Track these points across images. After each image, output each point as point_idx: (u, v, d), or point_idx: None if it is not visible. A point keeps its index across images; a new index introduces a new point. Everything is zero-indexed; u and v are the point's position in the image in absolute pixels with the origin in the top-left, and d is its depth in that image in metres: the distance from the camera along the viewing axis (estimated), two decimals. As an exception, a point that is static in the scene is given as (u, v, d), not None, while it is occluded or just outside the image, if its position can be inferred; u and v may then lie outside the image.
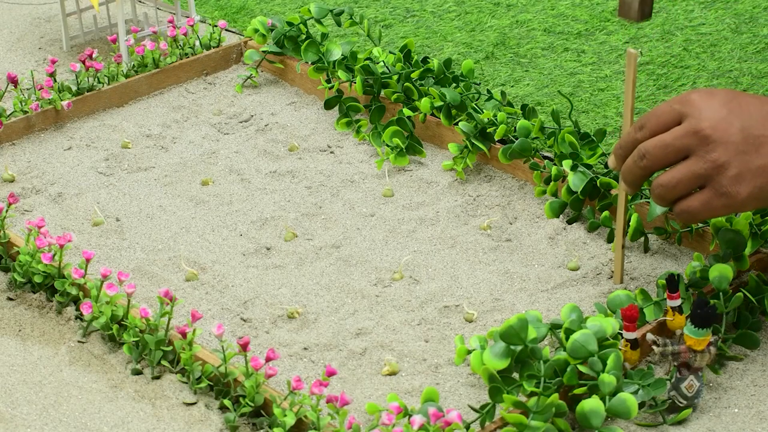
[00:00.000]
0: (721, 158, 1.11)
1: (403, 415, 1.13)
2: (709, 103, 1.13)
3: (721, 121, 1.11)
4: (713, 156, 1.11)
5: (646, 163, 1.16)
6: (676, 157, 1.14)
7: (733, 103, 1.13)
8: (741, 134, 1.11)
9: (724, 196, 1.12)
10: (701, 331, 1.17)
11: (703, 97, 1.14)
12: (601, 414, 1.14)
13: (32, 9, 2.21)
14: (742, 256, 1.31)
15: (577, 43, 1.99)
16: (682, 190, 1.14)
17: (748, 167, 1.11)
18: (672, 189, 1.15)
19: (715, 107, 1.12)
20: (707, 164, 1.12)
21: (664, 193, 1.15)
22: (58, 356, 1.31)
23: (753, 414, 1.21)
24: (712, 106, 1.12)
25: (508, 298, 1.39)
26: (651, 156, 1.15)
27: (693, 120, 1.12)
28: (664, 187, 1.15)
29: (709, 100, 1.13)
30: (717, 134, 1.11)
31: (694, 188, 1.14)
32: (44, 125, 1.76)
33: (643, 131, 1.17)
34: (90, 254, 1.36)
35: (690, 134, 1.12)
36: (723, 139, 1.11)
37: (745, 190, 1.11)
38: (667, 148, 1.13)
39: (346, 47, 1.80)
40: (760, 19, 2.03)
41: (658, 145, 1.14)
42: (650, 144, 1.15)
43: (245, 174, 1.65)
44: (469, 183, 1.61)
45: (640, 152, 1.16)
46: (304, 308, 1.38)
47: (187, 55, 1.91)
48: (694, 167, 1.13)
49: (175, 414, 1.22)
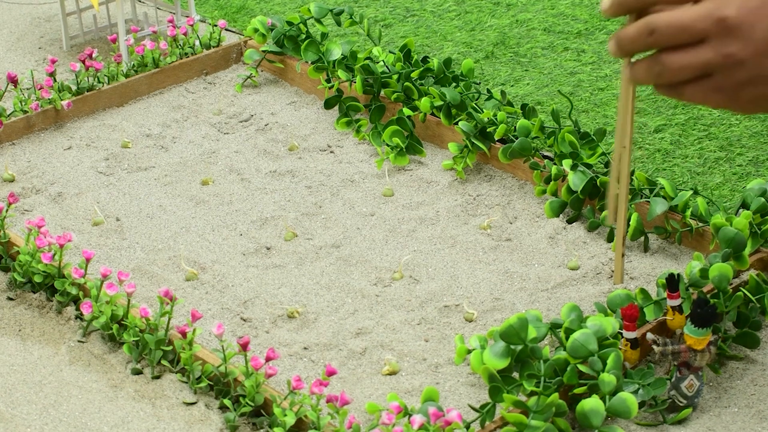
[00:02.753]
0: (738, 55, 1.00)
1: (403, 415, 1.13)
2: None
3: (750, 13, 0.99)
4: (730, 50, 1.00)
5: (653, 40, 1.02)
6: (689, 40, 1.01)
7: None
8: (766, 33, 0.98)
9: (724, 94, 1.02)
10: (701, 330, 1.17)
11: None
12: (601, 413, 1.14)
13: (32, 9, 2.21)
14: (742, 256, 1.31)
15: (577, 42, 1.99)
16: (683, 78, 1.02)
17: (761, 73, 1.00)
18: (674, 73, 1.02)
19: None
20: (720, 58, 1.00)
21: (663, 73, 1.03)
22: (58, 356, 1.31)
23: (753, 414, 1.21)
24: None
25: (508, 298, 1.39)
26: (660, 35, 1.02)
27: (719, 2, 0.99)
28: (667, 68, 1.02)
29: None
30: (742, 27, 0.99)
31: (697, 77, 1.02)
32: (44, 125, 1.75)
33: None
34: (90, 254, 1.36)
35: (713, 19, 1.00)
36: (746, 35, 0.99)
37: (748, 95, 1.01)
38: (683, 30, 1.01)
39: (346, 47, 1.80)
40: (760, 19, 2.03)
41: (673, 24, 1.01)
42: (663, 21, 1.01)
43: (245, 174, 1.65)
44: (469, 183, 1.61)
45: (648, 26, 1.02)
46: (304, 308, 1.38)
47: (187, 55, 1.91)
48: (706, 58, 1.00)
49: (175, 414, 1.22)
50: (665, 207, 1.42)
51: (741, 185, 1.57)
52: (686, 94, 1.04)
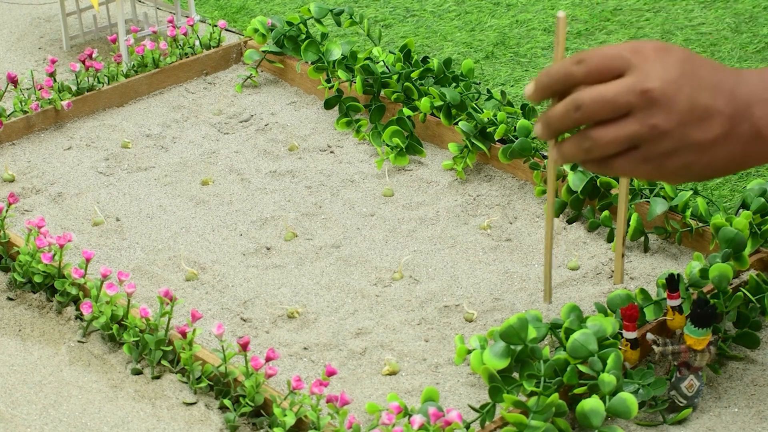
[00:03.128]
0: (662, 126, 1.01)
1: (403, 415, 1.13)
2: (662, 61, 1.03)
3: (671, 84, 1.02)
4: (655, 121, 1.02)
5: (580, 115, 1.04)
6: (614, 114, 1.02)
7: (686, 66, 1.03)
8: (688, 103, 1.01)
9: (652, 164, 1.04)
10: (701, 330, 1.17)
11: (658, 52, 1.03)
12: (601, 413, 1.14)
13: (32, 9, 2.21)
14: (742, 256, 1.31)
15: (577, 43, 1.99)
16: (611, 151, 1.04)
17: (686, 142, 1.02)
18: (602, 147, 1.04)
19: (668, 67, 1.02)
20: (646, 129, 1.02)
21: (592, 148, 1.04)
22: (58, 356, 1.31)
23: (753, 414, 1.21)
24: (666, 64, 1.02)
25: (508, 298, 1.39)
26: (587, 110, 1.03)
27: (641, 76, 1.02)
28: (595, 143, 1.04)
29: (664, 57, 1.03)
30: (664, 98, 1.01)
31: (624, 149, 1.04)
32: (44, 125, 1.76)
33: (580, 66, 1.04)
34: (90, 254, 1.36)
35: (636, 92, 1.02)
36: (668, 106, 1.01)
37: (674, 164, 1.03)
38: (607, 104, 1.02)
39: (346, 47, 1.80)
40: (760, 19, 2.03)
41: (598, 99, 1.03)
42: (588, 97, 1.03)
43: (245, 174, 1.65)
44: (469, 183, 1.61)
45: (574, 103, 1.04)
46: (304, 308, 1.38)
47: (187, 55, 1.91)
48: (632, 130, 1.02)
49: (175, 414, 1.22)
50: (665, 207, 1.42)
51: (741, 185, 1.57)
52: (615, 167, 1.05)
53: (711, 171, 1.04)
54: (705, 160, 1.02)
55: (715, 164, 1.03)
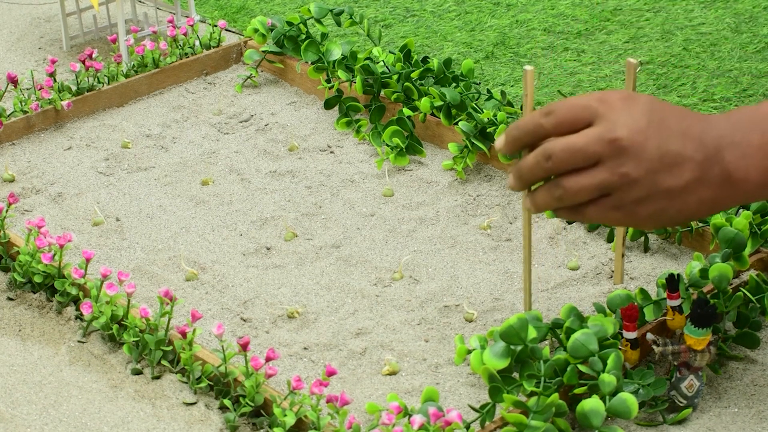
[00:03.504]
0: (632, 174, 1.03)
1: (403, 415, 1.13)
2: (629, 110, 1.04)
3: (639, 133, 1.03)
4: (624, 170, 1.03)
5: (550, 166, 1.06)
6: (584, 163, 1.05)
7: (654, 114, 1.04)
8: (657, 151, 1.03)
9: (623, 211, 1.05)
10: (701, 330, 1.17)
11: (625, 101, 1.05)
12: (601, 413, 1.14)
13: (32, 9, 2.21)
14: (742, 256, 1.31)
15: (576, 42, 1.99)
16: (582, 199, 1.06)
17: (656, 189, 1.03)
18: (573, 195, 1.06)
19: (636, 115, 1.04)
20: (616, 177, 1.04)
21: (563, 196, 1.06)
22: (58, 356, 1.31)
23: (753, 414, 1.21)
24: (633, 113, 1.04)
25: (508, 298, 1.39)
26: (557, 159, 1.05)
27: (609, 125, 1.04)
28: (566, 191, 1.06)
29: (631, 107, 1.05)
30: (632, 147, 1.03)
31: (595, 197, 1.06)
32: (44, 125, 1.76)
33: (549, 118, 1.06)
34: (90, 254, 1.36)
35: (604, 142, 1.03)
36: (637, 154, 1.03)
37: (646, 211, 1.04)
38: (577, 153, 1.04)
39: (346, 47, 1.80)
40: (760, 19, 2.03)
41: (567, 149, 1.05)
42: (558, 147, 1.05)
43: (245, 174, 1.65)
44: (469, 183, 1.61)
45: (545, 153, 1.06)
46: (304, 308, 1.38)
47: (187, 55, 1.91)
48: (602, 178, 1.04)
49: (175, 414, 1.22)
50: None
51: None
52: (587, 214, 1.07)
53: (683, 216, 1.05)
54: (677, 206, 1.04)
55: (687, 210, 1.05)
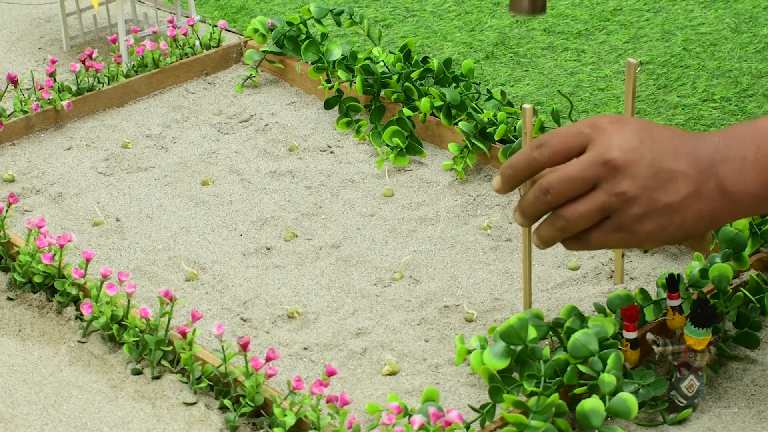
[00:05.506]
0: (629, 192, 1.04)
1: (403, 415, 1.13)
2: (620, 132, 1.06)
3: (631, 152, 1.04)
4: (620, 189, 1.05)
5: (550, 198, 1.08)
6: (582, 189, 1.06)
7: (644, 133, 1.06)
8: (651, 168, 1.04)
9: (625, 231, 1.07)
10: (701, 330, 1.17)
11: (615, 124, 1.06)
12: (601, 414, 1.14)
13: (32, 9, 2.21)
14: (742, 256, 1.31)
15: (577, 42, 1.99)
16: (585, 225, 1.07)
17: (654, 205, 1.04)
18: (575, 223, 1.07)
19: (626, 136, 1.05)
20: (613, 198, 1.05)
21: (566, 225, 1.08)
22: (58, 356, 1.31)
23: (753, 414, 1.21)
24: (624, 134, 1.05)
25: (508, 298, 1.39)
26: (556, 192, 1.07)
27: (602, 148, 1.05)
28: (568, 220, 1.08)
29: (621, 128, 1.06)
30: (626, 165, 1.04)
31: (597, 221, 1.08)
32: (44, 125, 1.76)
33: (541, 150, 1.09)
34: (90, 254, 1.36)
35: (598, 164, 1.05)
36: (632, 172, 1.04)
37: (646, 228, 1.06)
38: (574, 182, 1.06)
39: (346, 47, 1.80)
40: (760, 19, 2.03)
41: (564, 179, 1.06)
42: (554, 179, 1.07)
43: (245, 174, 1.65)
44: (469, 183, 1.61)
45: (542, 187, 1.08)
46: (304, 308, 1.38)
47: (187, 55, 1.91)
48: (601, 200, 1.06)
49: (175, 414, 1.22)
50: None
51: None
52: (592, 240, 1.10)
53: (684, 232, 1.06)
54: (676, 222, 1.05)
55: (686, 225, 1.06)
